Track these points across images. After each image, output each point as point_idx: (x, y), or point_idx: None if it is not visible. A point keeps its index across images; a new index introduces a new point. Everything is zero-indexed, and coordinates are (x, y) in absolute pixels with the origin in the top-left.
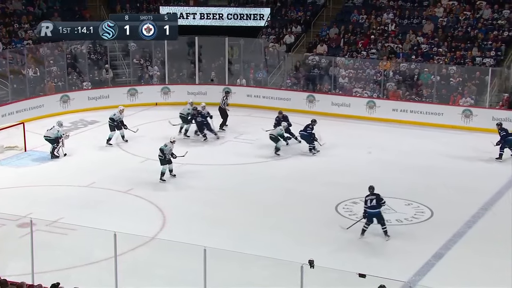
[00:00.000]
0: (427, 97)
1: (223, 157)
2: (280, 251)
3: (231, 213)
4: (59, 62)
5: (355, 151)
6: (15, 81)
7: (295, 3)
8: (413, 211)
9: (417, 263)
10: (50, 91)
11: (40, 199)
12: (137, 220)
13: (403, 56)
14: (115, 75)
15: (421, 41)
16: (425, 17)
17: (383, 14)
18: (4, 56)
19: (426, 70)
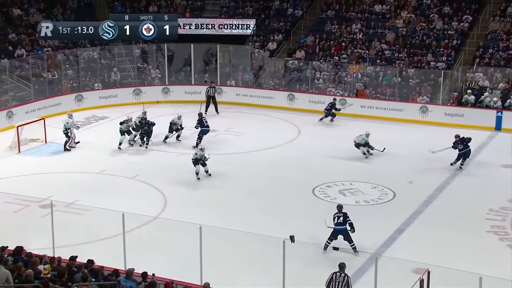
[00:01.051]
0: (389, 95)
1: (216, 147)
2: (265, 228)
3: (223, 196)
4: (74, 66)
5: (328, 142)
6: (37, 83)
7: (277, 15)
8: (378, 193)
9: (382, 237)
10: (66, 91)
11: (59, 184)
12: (142, 202)
13: (369, 61)
14: (122, 77)
15: (384, 47)
16: (388, 27)
17: (352, 25)
18: (27, 61)
19: (389, 73)
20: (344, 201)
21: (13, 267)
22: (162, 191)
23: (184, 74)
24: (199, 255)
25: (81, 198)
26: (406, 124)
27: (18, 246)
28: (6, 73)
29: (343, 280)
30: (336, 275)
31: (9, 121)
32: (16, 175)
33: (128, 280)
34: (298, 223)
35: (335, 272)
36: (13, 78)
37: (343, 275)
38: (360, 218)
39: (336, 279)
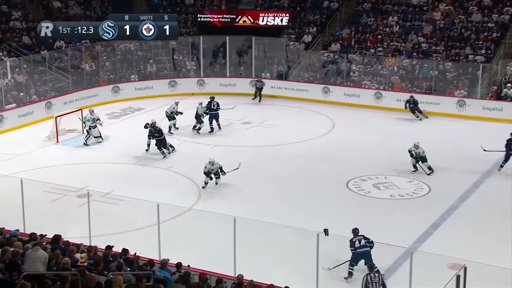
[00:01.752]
0: (426, 89)
1: (250, 139)
2: (298, 221)
3: (257, 187)
4: (111, 58)
5: (362, 136)
6: (75, 74)
7: (313, 8)
8: (413, 187)
9: (417, 232)
10: (103, 82)
11: (95, 174)
12: (176, 193)
13: (405, 54)
14: (158, 69)
15: (421, 40)
16: (425, 20)
17: (388, 17)
18: (66, 53)
19: (426, 66)
20: (378, 195)
21: (52, 255)
22: (196, 183)
23: (219, 67)
24: (233, 247)
25: (116, 188)
26: (443, 118)
27: (56, 234)
28: (46, 64)
29: (378, 280)
30: (370, 276)
31: (48, 111)
32: (54, 164)
33: (162, 270)
34: (332, 216)
35: (368, 274)
36: (52, 69)
37: (377, 274)
38: (395, 213)
39: (372, 280)
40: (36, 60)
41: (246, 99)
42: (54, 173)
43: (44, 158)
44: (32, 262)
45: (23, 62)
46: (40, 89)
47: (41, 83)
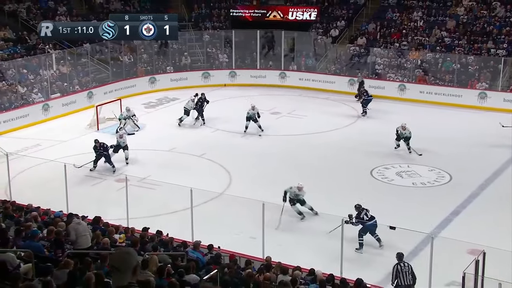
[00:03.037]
0: (448, 81)
1: (278, 129)
2: (324, 207)
3: (285, 175)
4: (148, 51)
5: (386, 126)
6: (114, 66)
7: (340, 3)
8: (435, 175)
9: (438, 219)
10: (141, 74)
11: (132, 160)
12: (208, 179)
13: (429, 48)
14: (192, 61)
15: (444, 35)
16: (449, 15)
17: (413, 12)
18: (106, 46)
19: (448, 59)
20: (401, 183)
21: (93, 235)
22: (227, 169)
23: (250, 59)
24: (262, 230)
25: (152, 174)
26: (465, 110)
27: (96, 216)
28: (88, 56)
29: (408, 269)
30: (400, 266)
31: (89, 101)
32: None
33: (195, 251)
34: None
35: (397, 263)
36: (93, 61)
37: (407, 264)
38: (417, 200)
39: (403, 269)
40: (79, 53)
41: (274, 90)
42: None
43: (86, 144)
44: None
45: (67, 54)
46: (83, 80)
47: (83, 74)
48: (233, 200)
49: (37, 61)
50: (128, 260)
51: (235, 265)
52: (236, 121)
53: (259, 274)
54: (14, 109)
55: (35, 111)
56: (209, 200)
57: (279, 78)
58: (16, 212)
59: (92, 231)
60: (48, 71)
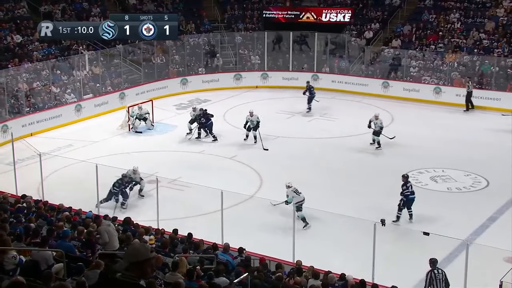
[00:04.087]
0: (486, 84)
1: (309, 132)
2: (356, 211)
3: (316, 178)
4: (180, 52)
5: (421, 129)
6: (146, 67)
7: (375, 4)
8: (471, 181)
9: (473, 225)
10: (172, 75)
11: (163, 161)
12: (239, 181)
13: (466, 50)
14: (224, 62)
15: (483, 37)
16: (488, 17)
17: (450, 14)
18: (139, 47)
19: (487, 62)
20: (435, 187)
21: (124, 237)
22: (258, 172)
23: (282, 61)
24: (292, 234)
25: (183, 175)
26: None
27: (127, 217)
28: (120, 57)
29: (442, 276)
30: (434, 273)
31: (121, 101)
32: (125, 151)
33: (225, 254)
34: (390, 207)
35: (431, 270)
36: (126, 62)
37: (440, 271)
38: (452, 205)
39: (437, 276)
40: (111, 54)
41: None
42: (125, 160)
43: (117, 145)
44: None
45: (100, 55)
46: (115, 81)
47: (115, 75)
48: (263, 203)
49: (70, 62)
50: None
51: (265, 269)
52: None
53: (289, 278)
54: (48, 110)
55: (68, 111)
56: (239, 203)
57: (311, 80)
58: (49, 212)
59: (123, 232)
60: (81, 72)
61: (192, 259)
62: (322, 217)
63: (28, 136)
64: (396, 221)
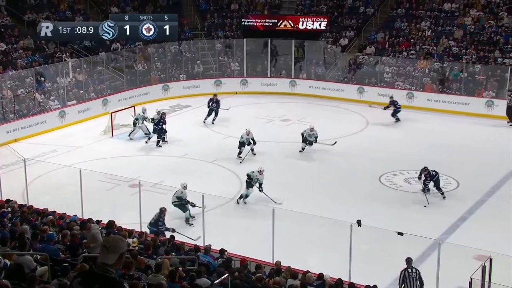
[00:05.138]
0: (456, 90)
1: (288, 136)
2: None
3: (295, 181)
4: (162, 59)
5: (395, 133)
6: (129, 74)
7: (349, 13)
8: (442, 182)
9: (445, 224)
10: (154, 81)
11: (146, 165)
12: (220, 184)
13: (437, 57)
14: (204, 69)
15: (452, 44)
16: (456, 25)
17: (421, 22)
18: (121, 54)
19: (456, 68)
20: (409, 189)
21: None
22: (238, 175)
23: (261, 67)
24: (272, 235)
25: (165, 179)
26: (472, 117)
27: (110, 220)
28: (103, 64)
29: (416, 275)
30: (408, 271)
31: (104, 108)
32: (109, 156)
33: (206, 255)
34: (364, 208)
35: (405, 269)
36: (108, 69)
37: (415, 269)
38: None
39: (410, 275)
40: (94, 61)
41: (285, 98)
42: (109, 164)
43: (100, 150)
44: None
45: (83, 62)
46: (98, 87)
47: (98, 82)
48: (243, 206)
49: (54, 69)
50: (119, 244)
51: (245, 269)
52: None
53: (269, 279)
54: (32, 116)
55: (51, 117)
56: (220, 205)
57: (289, 86)
58: (33, 216)
59: (106, 235)
60: (64, 79)
61: (174, 261)
62: (300, 219)
63: (12, 142)
64: (443, 194)
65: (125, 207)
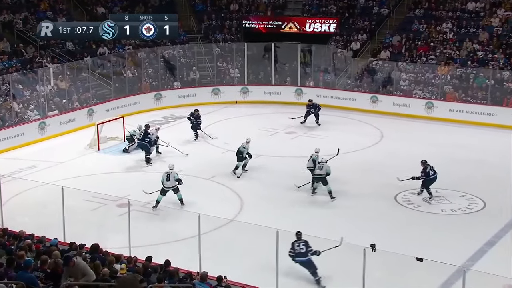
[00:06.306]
0: (481, 99)
1: (294, 150)
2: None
3: (302, 199)
4: (153, 65)
5: (412, 147)
6: (117, 81)
7: (362, 14)
8: (467, 202)
9: (470, 250)
10: (145, 89)
11: (136, 182)
12: (218, 203)
13: (459, 62)
14: (201, 76)
15: (477, 48)
16: (481, 27)
17: (442, 24)
18: (109, 59)
19: (481, 75)
20: (428, 209)
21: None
22: (238, 193)
23: (263, 74)
24: (276, 261)
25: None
26: (499, 130)
27: (94, 243)
28: (88, 71)
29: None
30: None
31: (90, 119)
32: (95, 173)
33: (202, 283)
34: (379, 231)
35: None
36: (94, 76)
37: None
38: (447, 228)
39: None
40: (79, 67)
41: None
42: (94, 182)
43: (85, 166)
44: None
45: (66, 68)
46: (82, 96)
47: (83, 90)
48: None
49: (33, 75)
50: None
51: None
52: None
53: None
54: (8, 128)
55: (30, 129)
56: (218, 227)
57: (295, 95)
58: (8, 240)
59: (91, 261)
60: (45, 87)
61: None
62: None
63: None
64: (430, 198)
65: (112, 229)
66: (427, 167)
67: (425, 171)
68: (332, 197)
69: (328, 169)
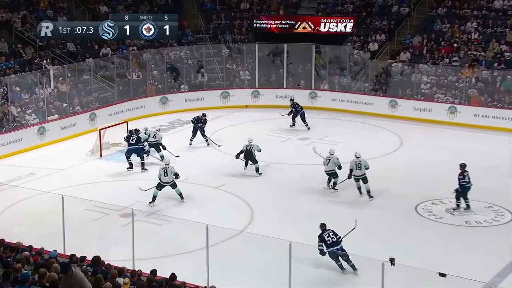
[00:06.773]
0: (508, 103)
1: (307, 157)
2: (362, 248)
3: (316, 209)
4: (159, 67)
5: (434, 154)
6: (121, 84)
7: (380, 13)
8: (493, 213)
9: (497, 265)
10: (151, 93)
11: (140, 192)
12: (227, 213)
13: (485, 64)
14: (209, 78)
15: (504, 49)
16: (509, 26)
17: (466, 23)
18: (112, 61)
19: (509, 78)
20: (452, 221)
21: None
22: (248, 203)
23: (275, 77)
24: (288, 274)
25: (162, 208)
26: None
27: (95, 256)
28: (91, 73)
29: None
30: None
31: (92, 123)
32: (97, 180)
33: None
34: (398, 244)
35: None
36: (97, 78)
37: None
38: (471, 242)
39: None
40: (80, 69)
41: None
42: (96, 190)
43: (87, 173)
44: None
45: (67, 70)
46: (84, 100)
47: (85, 93)
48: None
49: (32, 78)
50: None
51: None
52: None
53: None
54: (5, 133)
55: (29, 135)
56: (227, 239)
57: (309, 99)
58: (5, 252)
59: (92, 274)
60: (45, 90)
61: None
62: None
63: None
64: (456, 209)
65: (115, 241)
66: (464, 172)
67: (463, 175)
68: (370, 197)
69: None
